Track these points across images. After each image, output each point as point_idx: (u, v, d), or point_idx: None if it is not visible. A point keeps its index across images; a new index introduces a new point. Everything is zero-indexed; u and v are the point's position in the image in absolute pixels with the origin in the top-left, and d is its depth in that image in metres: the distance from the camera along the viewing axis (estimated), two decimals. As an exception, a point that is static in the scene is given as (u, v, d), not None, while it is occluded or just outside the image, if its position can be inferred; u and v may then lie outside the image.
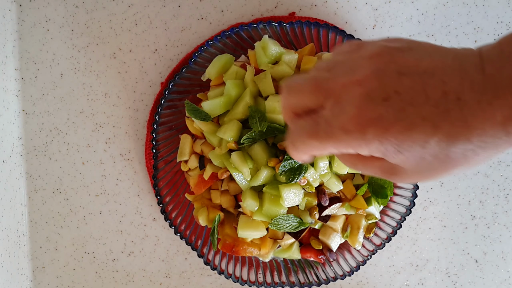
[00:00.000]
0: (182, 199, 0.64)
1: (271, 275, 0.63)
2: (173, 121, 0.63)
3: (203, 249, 0.63)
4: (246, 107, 0.56)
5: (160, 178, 0.62)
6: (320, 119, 0.34)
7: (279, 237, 0.59)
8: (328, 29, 0.58)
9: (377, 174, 0.36)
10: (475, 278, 0.70)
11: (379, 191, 0.58)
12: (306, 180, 0.55)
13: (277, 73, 0.57)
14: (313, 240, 0.61)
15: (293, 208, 0.57)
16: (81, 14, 0.65)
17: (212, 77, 0.60)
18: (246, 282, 0.62)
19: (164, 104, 0.61)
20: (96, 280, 0.70)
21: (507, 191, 0.68)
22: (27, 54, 0.66)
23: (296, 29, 0.59)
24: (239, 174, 0.56)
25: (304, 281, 0.63)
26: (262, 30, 0.60)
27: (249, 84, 0.57)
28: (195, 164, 0.61)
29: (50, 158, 0.68)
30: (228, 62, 0.59)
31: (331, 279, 0.62)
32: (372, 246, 0.62)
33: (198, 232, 0.64)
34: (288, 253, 0.60)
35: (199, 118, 0.57)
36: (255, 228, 0.57)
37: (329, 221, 0.59)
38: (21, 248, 0.68)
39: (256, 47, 0.58)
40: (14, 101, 0.66)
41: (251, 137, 0.55)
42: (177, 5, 0.65)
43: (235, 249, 0.60)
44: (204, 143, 0.61)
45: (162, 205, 0.62)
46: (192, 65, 0.60)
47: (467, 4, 0.64)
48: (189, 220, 0.64)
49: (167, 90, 0.60)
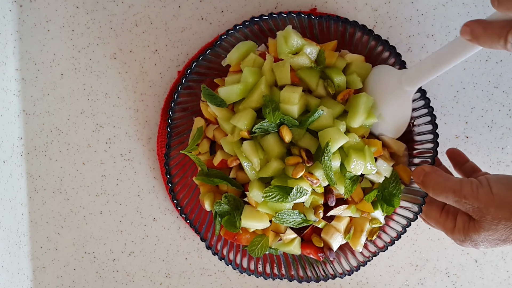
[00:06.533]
0: (190, 182, 0.63)
1: (270, 266, 0.63)
2: (189, 102, 0.62)
3: (206, 234, 0.63)
4: (261, 95, 0.55)
5: (172, 158, 0.62)
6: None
7: (281, 231, 0.59)
8: (356, 27, 0.57)
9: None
10: (474, 278, 0.70)
11: (389, 198, 0.57)
12: (318, 181, 0.55)
13: (296, 64, 0.56)
14: (315, 238, 0.61)
15: (299, 204, 0.57)
16: (81, 14, 0.65)
17: (232, 62, 0.59)
18: (245, 271, 0.62)
19: (184, 84, 0.60)
20: (96, 280, 0.70)
21: (507, 191, 0.68)
22: (28, 55, 0.66)
23: (324, 23, 0.59)
24: (249, 164, 0.56)
25: (303, 276, 0.63)
26: (283, 21, 0.59)
27: (266, 73, 0.56)
28: (206, 148, 0.61)
29: (50, 158, 0.68)
30: (250, 49, 0.59)
31: (330, 277, 0.62)
32: (374, 248, 0.61)
33: (201, 218, 0.63)
34: (289, 247, 0.60)
35: (214, 104, 0.57)
36: (259, 219, 0.57)
37: (333, 221, 0.59)
38: (21, 248, 0.68)
39: (278, 36, 0.57)
40: (15, 102, 0.66)
41: (263, 127, 0.54)
42: (177, 6, 0.65)
43: (237, 237, 0.60)
44: (217, 128, 0.60)
45: (171, 184, 0.62)
46: (217, 48, 0.59)
47: (467, 5, 0.64)
48: (194, 204, 0.63)
49: (189, 70, 0.59)
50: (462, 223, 0.52)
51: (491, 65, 0.65)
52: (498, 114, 0.66)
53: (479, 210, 0.50)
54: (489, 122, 0.66)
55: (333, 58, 0.58)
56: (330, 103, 0.57)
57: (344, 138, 0.54)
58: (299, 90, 0.55)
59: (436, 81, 0.66)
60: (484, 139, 0.67)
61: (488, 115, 0.66)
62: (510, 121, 0.66)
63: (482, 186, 0.50)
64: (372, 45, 0.59)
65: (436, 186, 0.53)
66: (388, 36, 0.65)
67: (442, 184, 0.52)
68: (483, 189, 0.50)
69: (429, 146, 0.58)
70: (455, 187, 0.51)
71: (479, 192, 0.50)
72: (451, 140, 0.67)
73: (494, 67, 0.65)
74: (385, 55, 0.59)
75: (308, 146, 0.55)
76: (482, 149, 0.67)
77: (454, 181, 0.52)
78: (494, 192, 0.50)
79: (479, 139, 0.67)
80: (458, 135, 0.67)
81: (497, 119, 0.66)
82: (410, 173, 0.59)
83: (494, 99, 0.66)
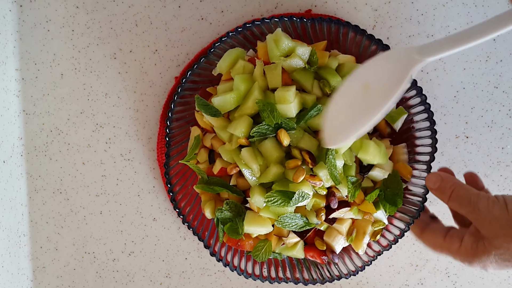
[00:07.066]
0: (190, 190, 0.64)
1: (275, 270, 0.63)
2: (186, 111, 0.63)
3: (209, 241, 0.63)
4: (255, 102, 0.55)
5: (172, 167, 0.62)
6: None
7: (284, 235, 0.59)
8: (349, 28, 0.58)
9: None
10: (474, 278, 0.70)
11: (392, 198, 0.57)
12: (322, 182, 0.55)
13: (289, 66, 0.56)
14: (318, 241, 0.61)
15: (301, 208, 0.57)
16: (81, 14, 0.65)
17: (223, 71, 0.59)
18: (250, 276, 0.62)
19: (180, 93, 0.60)
20: (96, 280, 0.70)
21: (507, 191, 0.68)
22: (28, 55, 0.66)
23: (317, 25, 0.59)
24: (249, 170, 0.56)
25: (308, 278, 0.62)
26: (274, 25, 0.59)
27: (258, 79, 0.56)
28: (204, 158, 0.61)
29: (50, 158, 0.68)
30: (239, 56, 0.59)
31: (335, 277, 0.62)
32: (379, 247, 0.61)
33: (205, 224, 0.63)
34: (292, 251, 0.60)
35: (209, 114, 0.57)
36: (261, 224, 0.57)
37: (335, 223, 0.59)
38: (21, 248, 0.68)
39: (268, 40, 0.57)
40: (15, 102, 0.66)
41: (261, 130, 0.54)
42: (177, 6, 0.65)
43: (240, 243, 0.60)
44: (214, 137, 0.60)
45: (172, 194, 0.62)
46: (211, 55, 0.59)
47: (467, 5, 0.64)
48: (197, 211, 0.63)
49: (184, 79, 0.60)
50: (470, 243, 0.52)
51: (491, 65, 0.65)
52: (498, 114, 0.66)
53: (490, 225, 0.50)
54: (489, 122, 0.66)
55: (325, 58, 0.58)
56: (325, 102, 0.57)
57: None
58: (293, 88, 0.55)
59: (436, 81, 0.66)
60: (484, 139, 0.67)
61: (488, 115, 0.66)
62: (510, 121, 0.66)
63: (498, 202, 0.50)
64: (366, 44, 0.59)
65: (453, 195, 0.53)
66: (388, 36, 0.65)
67: (459, 194, 0.53)
68: (499, 205, 0.50)
69: (427, 142, 0.59)
70: (472, 198, 0.51)
71: (495, 208, 0.50)
72: (451, 140, 0.67)
73: (494, 67, 0.65)
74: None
75: (309, 147, 0.55)
76: (482, 149, 0.67)
77: (472, 192, 0.52)
78: (509, 209, 0.49)
79: (479, 139, 0.67)
80: (458, 135, 0.67)
81: (497, 119, 0.66)
82: (411, 170, 0.59)
83: (494, 99, 0.66)
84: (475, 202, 0.51)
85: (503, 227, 0.49)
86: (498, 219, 0.49)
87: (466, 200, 0.52)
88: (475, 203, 0.51)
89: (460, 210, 0.52)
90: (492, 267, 0.51)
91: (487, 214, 0.50)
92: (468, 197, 0.52)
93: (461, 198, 0.52)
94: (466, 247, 0.52)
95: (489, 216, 0.50)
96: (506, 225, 0.49)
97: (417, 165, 0.60)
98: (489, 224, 0.50)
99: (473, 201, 0.51)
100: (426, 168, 0.59)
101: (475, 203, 0.51)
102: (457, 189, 0.53)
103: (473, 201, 0.51)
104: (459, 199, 0.52)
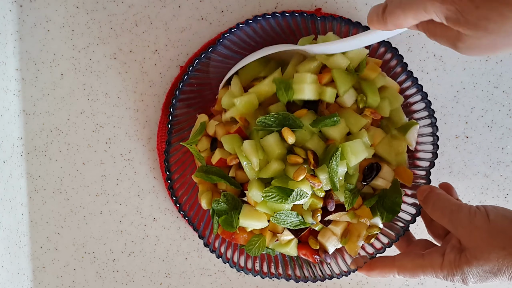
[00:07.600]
0: (188, 180, 0.63)
1: (267, 265, 0.63)
2: (191, 99, 0.62)
3: (204, 232, 0.62)
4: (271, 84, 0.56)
5: (172, 155, 0.61)
6: None
7: (278, 231, 0.59)
8: (360, 28, 0.57)
9: (445, 43, 0.43)
10: (474, 278, 0.70)
11: (391, 206, 0.57)
12: (321, 184, 0.54)
13: (333, 63, 0.56)
14: (311, 240, 0.61)
15: (298, 206, 0.57)
16: (81, 14, 0.65)
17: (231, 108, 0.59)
18: (243, 269, 0.62)
19: (186, 81, 0.60)
20: (96, 280, 0.70)
21: (507, 191, 0.68)
22: (28, 55, 0.66)
23: (327, 24, 0.59)
24: (248, 163, 0.56)
25: (300, 276, 0.62)
26: (286, 21, 0.59)
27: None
28: (205, 146, 0.61)
29: (50, 158, 0.68)
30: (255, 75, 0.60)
31: (327, 277, 0.62)
32: (372, 250, 0.61)
33: (200, 215, 0.63)
34: (285, 248, 0.60)
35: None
36: (257, 218, 0.57)
37: (330, 225, 0.59)
38: (21, 248, 0.68)
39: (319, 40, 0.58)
40: (15, 102, 0.66)
41: (267, 122, 0.54)
42: (177, 6, 0.65)
43: (234, 237, 0.60)
44: (218, 124, 0.60)
45: (170, 181, 0.61)
46: (219, 46, 0.59)
47: (467, 5, 0.64)
48: (193, 201, 0.63)
49: (191, 67, 0.59)
50: (453, 255, 0.51)
51: (491, 65, 0.65)
52: (498, 114, 0.66)
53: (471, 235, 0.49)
54: (489, 122, 0.66)
55: (375, 72, 0.57)
56: (350, 115, 0.56)
57: (364, 153, 0.54)
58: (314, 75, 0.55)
59: (436, 81, 0.66)
60: (484, 139, 0.67)
61: (488, 115, 0.66)
62: (510, 121, 0.66)
63: (479, 212, 0.50)
64: (375, 46, 0.59)
65: (435, 205, 0.53)
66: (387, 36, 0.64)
67: (441, 205, 0.53)
68: (480, 214, 0.50)
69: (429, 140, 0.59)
70: (453, 208, 0.52)
71: (476, 217, 0.50)
72: (451, 140, 0.67)
73: (494, 67, 0.65)
74: (387, 56, 0.59)
75: (315, 148, 0.55)
76: (482, 149, 0.67)
77: (452, 202, 0.53)
78: (491, 219, 0.49)
79: (479, 139, 0.67)
80: (458, 135, 0.67)
81: (497, 119, 0.66)
82: (412, 175, 0.59)
83: (494, 99, 0.66)
84: (456, 212, 0.51)
85: (484, 237, 0.48)
86: (479, 229, 0.49)
87: (448, 210, 0.52)
88: (457, 213, 0.51)
89: (442, 220, 0.52)
90: (473, 280, 0.50)
91: (468, 224, 0.50)
92: (449, 207, 0.52)
93: (443, 208, 0.52)
94: (449, 260, 0.51)
95: (469, 226, 0.49)
96: (487, 235, 0.48)
97: (417, 171, 0.61)
98: (470, 234, 0.49)
99: (454, 210, 0.51)
100: (425, 174, 0.59)
101: (457, 213, 0.51)
102: (439, 200, 0.53)
103: (454, 210, 0.51)
104: (440, 209, 0.52)
